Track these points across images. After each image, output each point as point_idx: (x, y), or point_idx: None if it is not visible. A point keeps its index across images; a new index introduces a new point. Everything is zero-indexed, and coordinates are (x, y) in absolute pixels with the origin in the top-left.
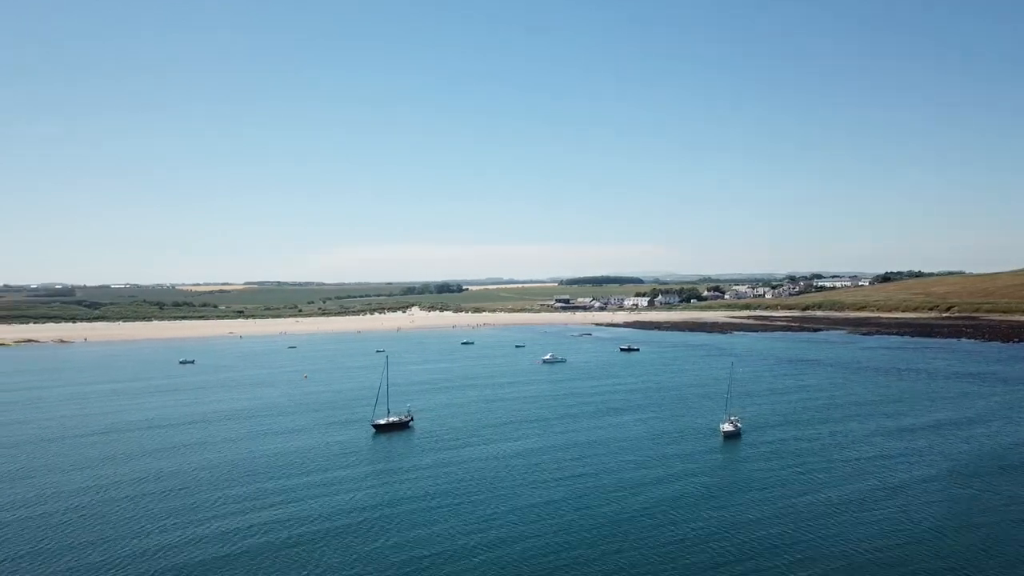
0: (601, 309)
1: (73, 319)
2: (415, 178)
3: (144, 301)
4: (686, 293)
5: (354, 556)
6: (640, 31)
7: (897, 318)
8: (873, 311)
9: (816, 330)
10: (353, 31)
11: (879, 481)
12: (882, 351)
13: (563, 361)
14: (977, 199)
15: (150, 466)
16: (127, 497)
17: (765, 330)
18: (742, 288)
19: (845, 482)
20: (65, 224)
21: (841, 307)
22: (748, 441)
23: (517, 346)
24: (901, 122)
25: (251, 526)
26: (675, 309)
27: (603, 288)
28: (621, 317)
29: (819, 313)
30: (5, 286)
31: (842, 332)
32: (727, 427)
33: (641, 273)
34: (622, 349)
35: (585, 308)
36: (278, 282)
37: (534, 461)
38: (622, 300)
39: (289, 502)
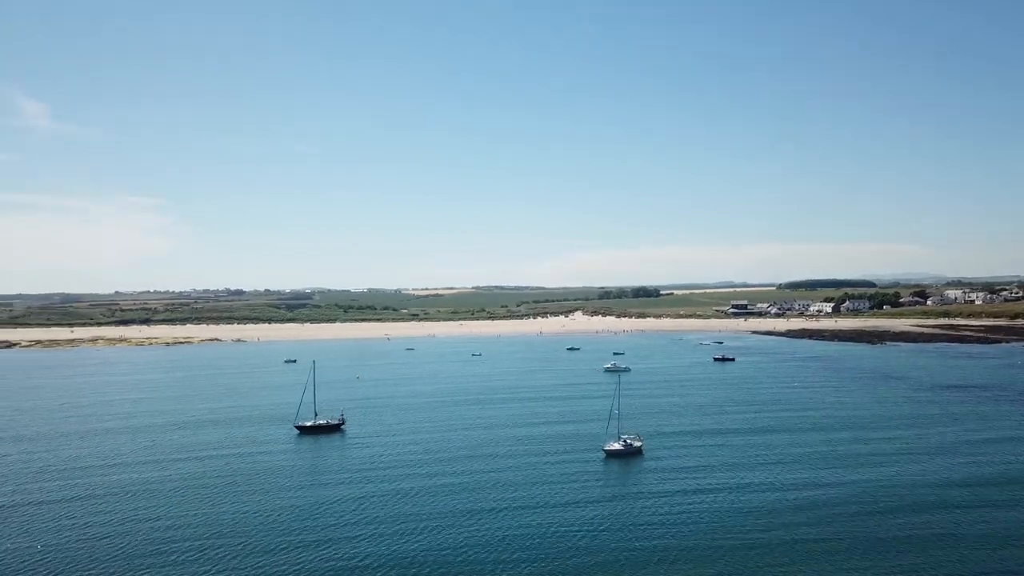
0: (778, 315)
1: (270, 320)
2: (654, 180)
3: (336, 305)
4: (878, 298)
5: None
6: None
7: None
8: None
9: (998, 342)
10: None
11: None
12: None
13: (626, 370)
14: None
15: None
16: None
17: (937, 340)
18: (952, 293)
19: None
20: (336, 234)
21: None
22: (631, 464)
23: (615, 353)
24: None
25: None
26: (861, 316)
27: (816, 292)
28: (787, 325)
29: None
30: (266, 290)
31: None
32: (615, 445)
33: (888, 275)
34: (715, 359)
35: (760, 314)
36: (492, 287)
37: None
38: (808, 305)
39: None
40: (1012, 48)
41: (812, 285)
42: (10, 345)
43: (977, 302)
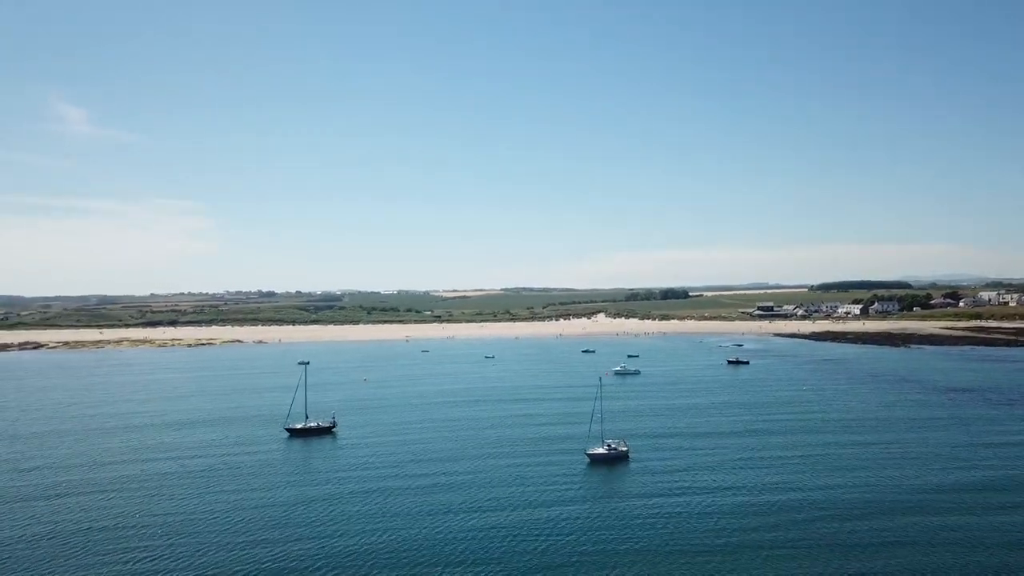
0: (804, 317)
1: (293, 322)
2: (689, 183)
3: (360, 307)
4: (908, 300)
5: None
6: None
7: None
8: None
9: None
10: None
11: None
12: None
13: (636, 373)
14: None
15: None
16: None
17: (964, 343)
18: (986, 294)
19: None
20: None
21: None
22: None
23: (629, 355)
24: None
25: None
26: (889, 318)
27: (847, 294)
28: (812, 327)
29: None
30: (297, 292)
31: None
32: (598, 449)
33: (927, 276)
34: (729, 362)
35: (786, 316)
36: (520, 288)
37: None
38: (835, 307)
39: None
40: None
41: (845, 287)
42: (38, 346)
43: (1012, 304)
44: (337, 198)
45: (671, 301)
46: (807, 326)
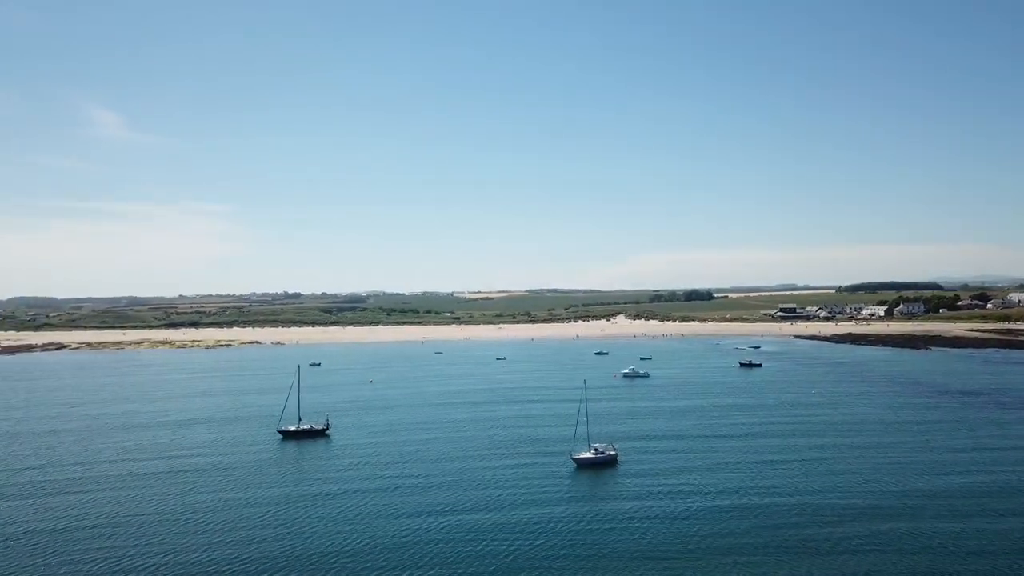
0: (827, 319)
1: (313, 324)
2: (716, 183)
3: (380, 308)
4: (934, 302)
5: None
6: None
7: None
8: None
9: None
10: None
11: None
12: None
13: (645, 376)
14: None
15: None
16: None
17: (989, 345)
18: (1016, 295)
19: None
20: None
21: None
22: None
23: (641, 358)
24: None
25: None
26: (914, 320)
27: (875, 295)
28: (834, 329)
29: None
30: (323, 293)
31: None
32: (584, 453)
33: (960, 277)
34: (741, 364)
35: (808, 318)
36: (544, 290)
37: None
38: (859, 309)
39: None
40: None
41: (873, 288)
42: (61, 347)
43: None
44: (364, 200)
45: (694, 303)
46: (829, 328)
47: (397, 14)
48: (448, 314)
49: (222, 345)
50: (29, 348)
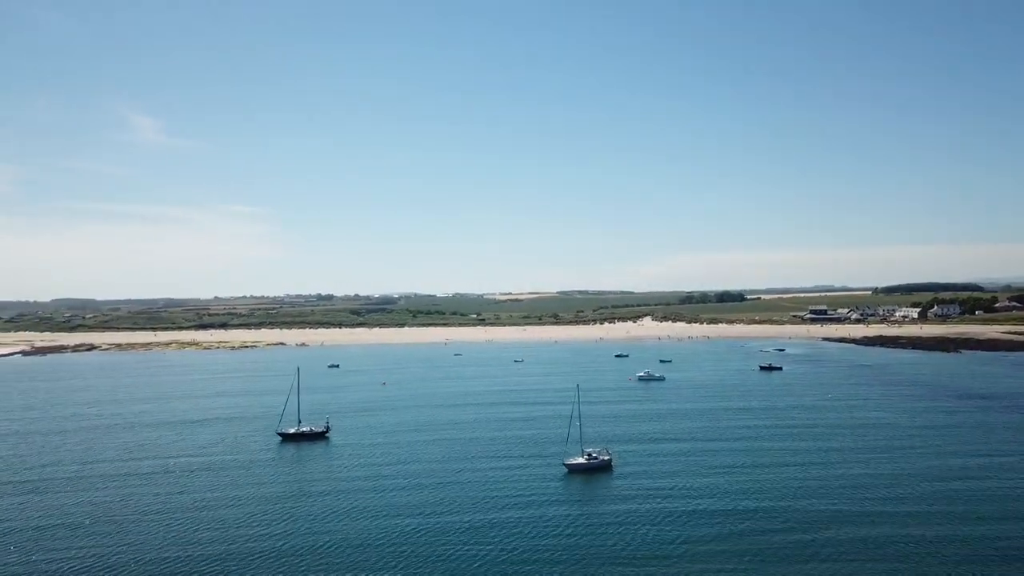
0: (858, 321)
1: (340, 325)
2: (752, 183)
3: (407, 310)
4: (970, 303)
5: None
6: None
7: None
8: None
9: None
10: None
11: None
12: None
13: (660, 379)
14: None
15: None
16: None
17: (1022, 349)
18: None
19: None
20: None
21: None
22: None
23: (661, 360)
24: None
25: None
26: (948, 322)
27: (911, 296)
28: (865, 331)
29: None
30: (355, 295)
31: None
32: (577, 459)
33: (1004, 279)
34: (761, 368)
35: (839, 320)
36: (574, 291)
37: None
38: (892, 311)
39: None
40: None
41: (909, 289)
42: (91, 348)
43: None
44: (396, 202)
45: (725, 304)
46: (860, 330)
47: (438, 28)
48: (474, 316)
49: (247, 346)
50: (61, 349)
